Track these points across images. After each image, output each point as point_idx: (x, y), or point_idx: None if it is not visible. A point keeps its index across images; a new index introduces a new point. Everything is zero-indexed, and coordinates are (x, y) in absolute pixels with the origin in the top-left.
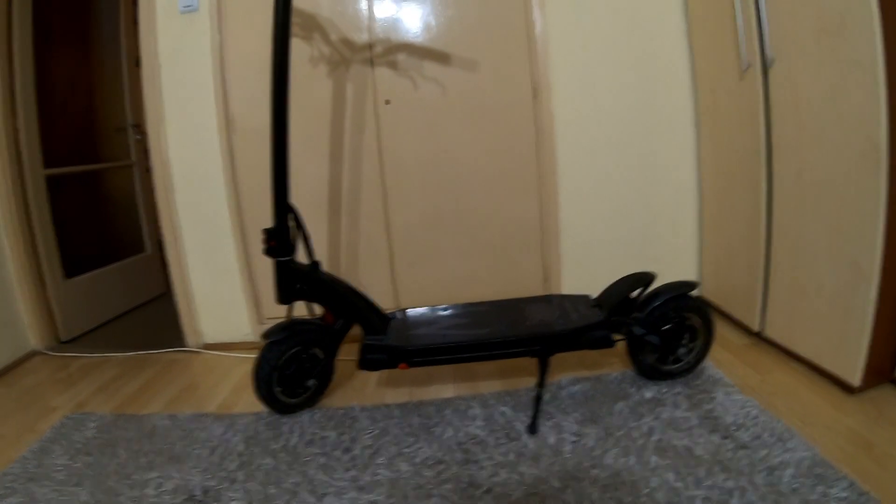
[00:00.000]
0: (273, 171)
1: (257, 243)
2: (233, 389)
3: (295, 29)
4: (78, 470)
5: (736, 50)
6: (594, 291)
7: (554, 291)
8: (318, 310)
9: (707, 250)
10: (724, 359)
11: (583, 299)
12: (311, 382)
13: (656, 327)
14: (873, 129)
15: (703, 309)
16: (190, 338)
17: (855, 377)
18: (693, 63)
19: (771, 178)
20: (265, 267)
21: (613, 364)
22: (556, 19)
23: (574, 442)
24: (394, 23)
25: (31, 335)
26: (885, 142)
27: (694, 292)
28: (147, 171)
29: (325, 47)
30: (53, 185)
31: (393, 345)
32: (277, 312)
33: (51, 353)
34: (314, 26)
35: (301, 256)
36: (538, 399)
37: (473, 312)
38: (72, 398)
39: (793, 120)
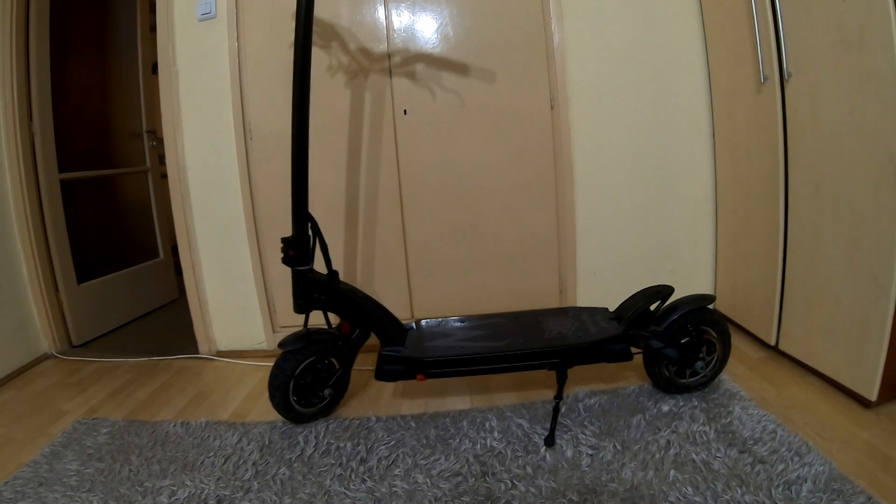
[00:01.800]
0: (293, 181)
1: (273, 251)
2: (246, 397)
3: (314, 38)
4: (90, 476)
5: (753, 62)
6: (609, 303)
7: (569, 303)
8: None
9: (723, 263)
10: (741, 372)
11: (601, 312)
12: (326, 392)
13: (674, 340)
14: (892, 143)
15: (721, 322)
16: (203, 344)
17: (872, 391)
18: (710, 76)
19: (788, 191)
20: (280, 275)
21: (630, 377)
22: (574, 32)
23: (591, 455)
24: (412, 33)
25: (44, 338)
26: None
27: (711, 306)
28: (162, 176)
29: (343, 56)
30: (68, 189)
31: (411, 356)
32: (291, 321)
33: (63, 356)
34: (333, 35)
35: (318, 266)
36: (556, 411)
37: (491, 324)
38: (84, 403)
39: (811, 133)
